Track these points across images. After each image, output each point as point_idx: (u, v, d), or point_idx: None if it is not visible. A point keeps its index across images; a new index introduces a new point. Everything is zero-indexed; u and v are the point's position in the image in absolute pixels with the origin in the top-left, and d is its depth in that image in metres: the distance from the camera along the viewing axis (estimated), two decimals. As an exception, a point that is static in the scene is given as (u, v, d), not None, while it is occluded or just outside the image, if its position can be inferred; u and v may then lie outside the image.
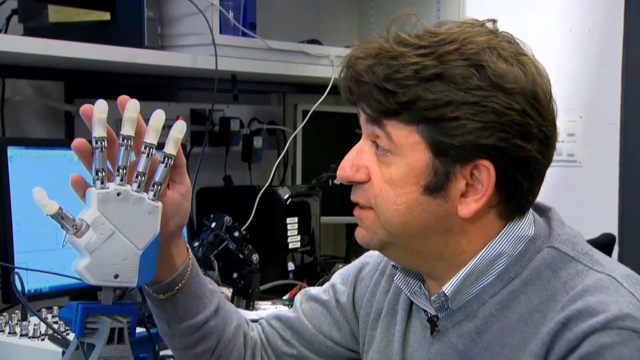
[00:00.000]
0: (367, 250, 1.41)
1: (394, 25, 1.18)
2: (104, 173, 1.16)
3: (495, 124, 1.12)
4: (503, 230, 1.19)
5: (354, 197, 1.22)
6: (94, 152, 1.15)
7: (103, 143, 1.15)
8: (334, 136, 2.88)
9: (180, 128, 1.20)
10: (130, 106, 1.17)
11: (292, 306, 1.48)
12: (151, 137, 1.18)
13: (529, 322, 1.15)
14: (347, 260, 2.89)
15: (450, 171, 1.15)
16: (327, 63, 2.64)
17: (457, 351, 1.21)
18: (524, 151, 1.14)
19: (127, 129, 1.17)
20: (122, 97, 1.18)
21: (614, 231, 2.93)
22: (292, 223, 2.54)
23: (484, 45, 1.14)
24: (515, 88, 1.13)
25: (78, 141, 1.15)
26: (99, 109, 1.15)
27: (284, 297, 2.33)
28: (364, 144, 1.21)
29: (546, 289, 1.16)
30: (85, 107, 1.16)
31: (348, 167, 1.21)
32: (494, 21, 1.20)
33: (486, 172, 1.14)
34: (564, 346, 1.10)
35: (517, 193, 1.17)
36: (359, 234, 1.23)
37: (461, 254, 1.19)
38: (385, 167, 1.18)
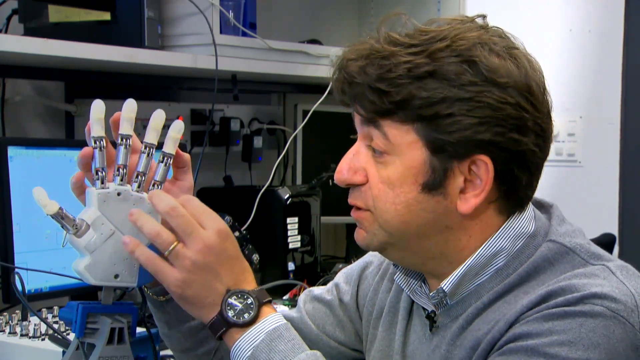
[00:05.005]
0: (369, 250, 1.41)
1: (385, 25, 1.18)
2: (104, 173, 1.16)
3: (490, 119, 1.12)
4: (502, 227, 1.19)
5: (351, 200, 1.22)
6: (94, 152, 1.16)
7: (102, 142, 1.15)
8: (334, 136, 2.86)
9: (178, 127, 1.20)
10: (128, 106, 1.18)
11: (292, 306, 1.47)
12: (151, 137, 1.18)
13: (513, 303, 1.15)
14: (347, 260, 2.89)
15: (448, 167, 1.15)
16: (327, 63, 2.61)
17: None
18: (520, 145, 1.14)
19: (126, 128, 1.17)
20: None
21: (614, 231, 2.93)
22: (292, 223, 2.54)
23: (475, 40, 1.14)
24: (509, 82, 1.13)
25: (85, 150, 1.17)
26: (97, 108, 1.15)
27: (284, 297, 2.33)
28: (360, 146, 1.21)
29: (543, 282, 1.16)
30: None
31: (345, 170, 1.20)
32: (484, 16, 1.20)
33: (484, 167, 1.14)
34: (534, 311, 1.11)
35: (515, 187, 1.17)
36: (359, 236, 1.23)
37: (462, 251, 1.19)
38: (382, 168, 1.17)
